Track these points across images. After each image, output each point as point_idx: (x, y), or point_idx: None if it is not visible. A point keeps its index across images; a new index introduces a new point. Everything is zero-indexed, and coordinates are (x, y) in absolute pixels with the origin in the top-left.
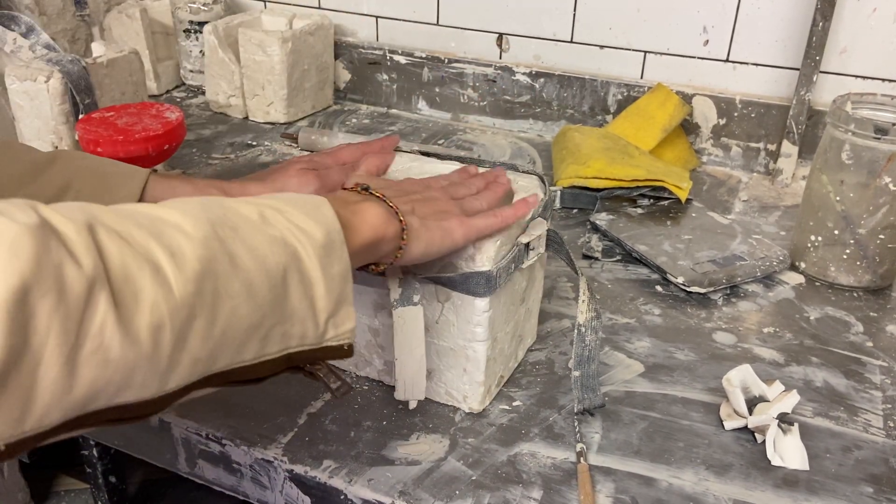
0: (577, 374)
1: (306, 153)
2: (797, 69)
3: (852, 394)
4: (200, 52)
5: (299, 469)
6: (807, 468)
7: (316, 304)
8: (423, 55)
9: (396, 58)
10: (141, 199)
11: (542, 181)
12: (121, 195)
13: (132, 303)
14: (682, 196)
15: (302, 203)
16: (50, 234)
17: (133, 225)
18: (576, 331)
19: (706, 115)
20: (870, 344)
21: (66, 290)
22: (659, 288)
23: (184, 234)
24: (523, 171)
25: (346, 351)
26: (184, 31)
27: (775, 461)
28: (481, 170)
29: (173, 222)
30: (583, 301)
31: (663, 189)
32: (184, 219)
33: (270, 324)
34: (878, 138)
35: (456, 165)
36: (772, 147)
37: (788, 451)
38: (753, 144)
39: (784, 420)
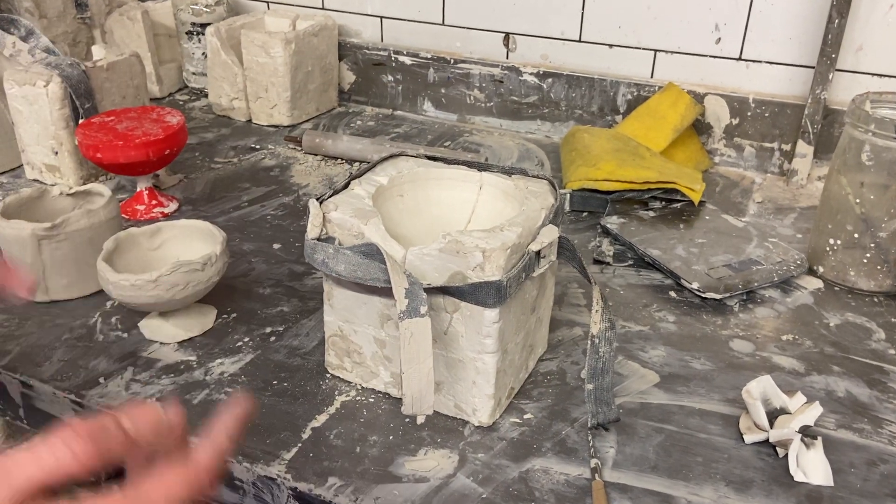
0: (590, 387)
1: (310, 155)
2: (812, 67)
3: (876, 404)
4: (203, 54)
5: (303, 487)
6: (831, 484)
7: None
8: (429, 56)
9: (401, 58)
10: None
11: (553, 186)
12: None
13: None
14: (696, 198)
15: None
16: None
17: None
18: (589, 342)
19: (718, 114)
20: (892, 351)
21: None
22: (673, 294)
23: None
24: (533, 176)
25: None
26: (186, 34)
27: (798, 477)
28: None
29: None
30: (596, 311)
31: (675, 191)
32: None
33: None
34: None
35: (464, 170)
36: (786, 147)
37: (812, 466)
38: (767, 144)
39: (807, 433)
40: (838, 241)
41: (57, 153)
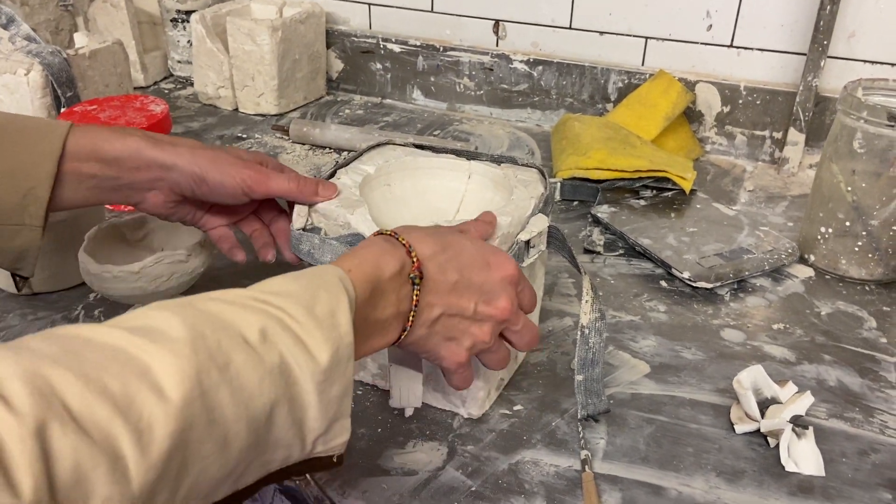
0: (580, 378)
1: (298, 144)
2: (804, 54)
3: (867, 393)
4: (188, 42)
5: (289, 481)
6: (822, 474)
7: (305, 426)
8: (418, 43)
9: (390, 46)
10: (63, 154)
11: (542, 174)
12: (40, 151)
13: None
14: (687, 187)
15: (318, 305)
16: None
17: (99, 396)
18: (579, 332)
19: (710, 102)
20: (884, 340)
21: None
22: (664, 283)
23: (160, 397)
24: (522, 164)
25: (334, 462)
26: (171, 21)
27: (789, 467)
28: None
29: (153, 376)
30: (586, 301)
31: (667, 180)
32: (167, 366)
33: (247, 463)
34: (892, 126)
35: (452, 159)
36: (777, 135)
37: (803, 456)
38: (758, 132)
39: (798, 423)
40: (830, 230)
41: None
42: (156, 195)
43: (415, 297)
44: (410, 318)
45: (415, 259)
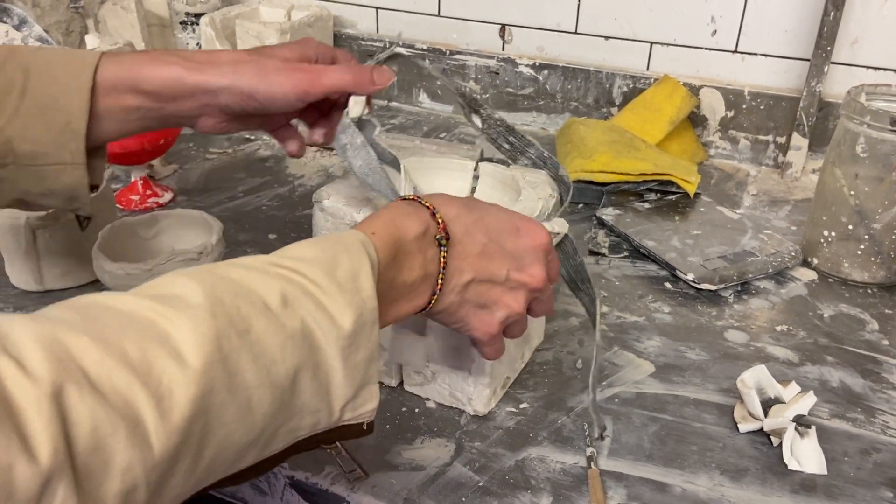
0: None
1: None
2: (807, 60)
3: (869, 394)
4: (197, 44)
5: (300, 475)
6: (825, 472)
7: (331, 393)
8: (425, 47)
9: (397, 49)
10: (95, 83)
11: (555, 179)
12: (70, 84)
13: (101, 473)
14: (691, 190)
15: (339, 269)
16: (2, 424)
17: (117, 362)
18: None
19: (714, 107)
20: (886, 342)
21: (14, 496)
22: (668, 285)
23: (180, 362)
24: (563, 173)
25: (364, 430)
26: (180, 23)
27: (792, 465)
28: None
29: (173, 342)
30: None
31: (671, 183)
32: (186, 332)
33: (273, 429)
34: (895, 130)
35: (457, 159)
36: (781, 140)
37: (806, 455)
38: (762, 137)
39: (801, 423)
40: (833, 233)
41: None
42: (205, 120)
43: (442, 259)
44: (439, 282)
45: (440, 220)
